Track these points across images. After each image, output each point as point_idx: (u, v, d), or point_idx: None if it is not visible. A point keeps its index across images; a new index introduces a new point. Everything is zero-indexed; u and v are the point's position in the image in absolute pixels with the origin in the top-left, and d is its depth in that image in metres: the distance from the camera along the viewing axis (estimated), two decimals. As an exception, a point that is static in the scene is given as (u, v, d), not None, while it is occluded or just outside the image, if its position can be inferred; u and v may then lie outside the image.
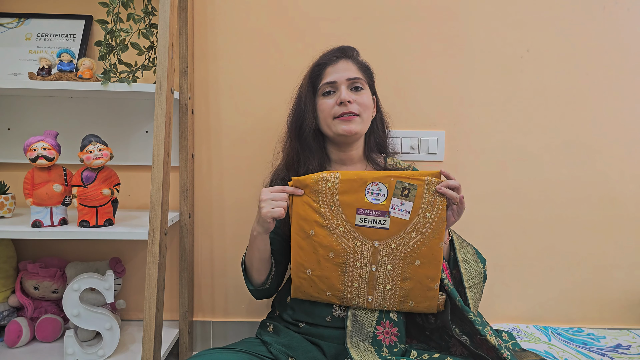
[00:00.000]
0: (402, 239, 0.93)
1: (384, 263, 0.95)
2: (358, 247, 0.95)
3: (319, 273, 0.96)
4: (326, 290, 0.96)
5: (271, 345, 0.97)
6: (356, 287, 0.95)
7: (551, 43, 1.35)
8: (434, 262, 0.93)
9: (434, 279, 0.94)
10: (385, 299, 0.95)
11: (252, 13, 1.35)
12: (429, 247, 0.93)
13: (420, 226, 0.93)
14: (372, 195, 0.94)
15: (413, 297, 0.95)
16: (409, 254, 0.94)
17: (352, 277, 0.95)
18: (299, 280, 0.98)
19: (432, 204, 0.92)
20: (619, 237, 1.39)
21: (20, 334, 1.19)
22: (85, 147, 1.06)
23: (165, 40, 1.05)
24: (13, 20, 1.33)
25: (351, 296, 0.96)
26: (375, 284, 0.95)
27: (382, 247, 0.94)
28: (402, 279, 0.95)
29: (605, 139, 1.37)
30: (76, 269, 1.27)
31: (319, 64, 1.03)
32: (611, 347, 1.25)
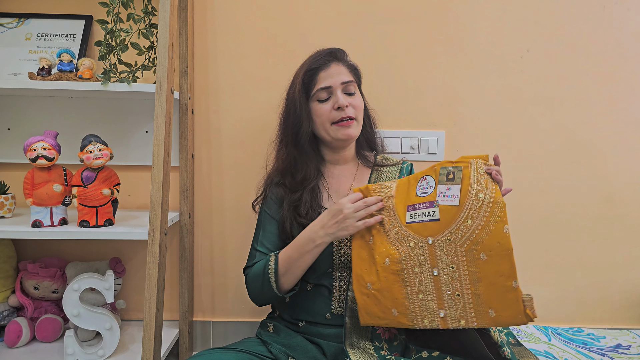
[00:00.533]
0: (456, 229, 0.81)
1: (445, 264, 0.82)
2: (412, 248, 0.85)
3: (379, 286, 0.87)
4: (391, 308, 0.86)
5: (271, 345, 0.97)
6: (422, 299, 0.83)
7: (551, 43, 1.35)
8: (502, 253, 0.78)
9: (509, 275, 0.77)
10: (459, 312, 0.81)
11: (252, 13, 1.35)
12: (492, 234, 0.78)
13: (475, 210, 0.80)
14: (421, 189, 0.88)
15: (492, 304, 0.79)
16: (470, 247, 0.80)
17: (414, 286, 0.84)
18: (363, 298, 0.89)
19: (484, 184, 0.81)
20: (619, 237, 1.39)
21: (20, 334, 1.19)
22: (85, 147, 1.06)
23: (165, 40, 1.05)
24: (13, 20, 1.33)
25: (420, 312, 0.84)
26: (443, 292, 0.82)
27: (438, 244, 0.83)
28: (472, 282, 0.80)
29: (605, 139, 1.37)
30: (76, 269, 1.27)
31: (312, 69, 1.02)
32: (611, 347, 1.25)
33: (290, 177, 1.04)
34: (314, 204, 1.01)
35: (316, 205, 1.01)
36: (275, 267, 0.95)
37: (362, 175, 1.08)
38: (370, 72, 1.35)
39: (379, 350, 0.92)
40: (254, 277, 0.98)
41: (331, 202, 1.04)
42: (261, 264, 0.98)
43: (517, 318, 0.77)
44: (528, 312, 0.76)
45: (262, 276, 0.96)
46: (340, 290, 0.98)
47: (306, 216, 0.99)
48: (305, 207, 1.00)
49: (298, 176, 1.03)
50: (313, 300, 0.99)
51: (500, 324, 0.79)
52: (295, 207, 1.00)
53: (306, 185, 1.01)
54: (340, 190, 1.06)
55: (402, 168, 1.09)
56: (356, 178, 1.07)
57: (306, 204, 1.00)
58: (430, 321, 0.83)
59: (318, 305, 0.99)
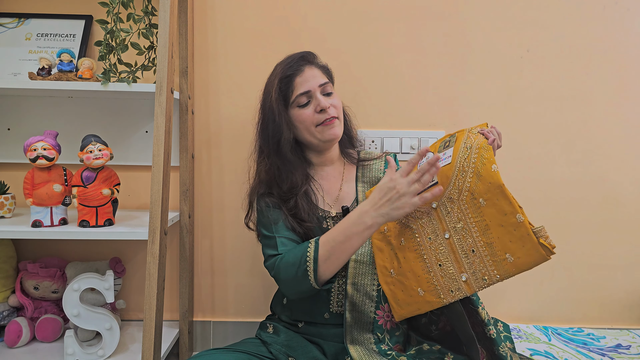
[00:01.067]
0: (454, 185, 0.82)
1: (453, 223, 0.82)
2: (420, 219, 0.86)
3: (401, 270, 0.87)
4: (416, 287, 0.85)
5: (271, 346, 0.97)
6: (442, 268, 0.82)
7: (551, 43, 1.35)
8: (496, 191, 0.77)
9: (511, 211, 0.76)
10: (479, 270, 0.79)
11: (252, 13, 1.35)
12: (482, 177, 0.78)
13: (464, 160, 0.81)
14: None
15: (506, 248, 0.77)
16: (469, 198, 0.80)
17: (432, 257, 0.83)
18: (389, 288, 0.89)
19: (473, 138, 0.84)
20: (619, 237, 1.39)
21: (20, 334, 1.19)
22: (85, 147, 1.06)
23: (165, 40, 1.05)
24: (13, 20, 1.33)
25: (444, 283, 0.82)
26: (459, 254, 0.81)
27: (442, 207, 0.83)
28: (481, 232, 0.79)
29: (606, 139, 1.37)
30: (76, 269, 1.27)
31: (287, 76, 1.00)
32: (611, 347, 1.25)
33: (277, 187, 1.02)
34: (312, 206, 1.00)
35: (314, 207, 1.01)
36: (315, 254, 0.87)
37: (349, 172, 1.09)
38: (370, 72, 1.35)
39: (380, 344, 0.91)
40: (288, 264, 0.90)
41: (325, 203, 1.04)
42: (298, 250, 0.90)
43: (536, 254, 0.74)
44: (542, 241, 0.74)
45: (299, 264, 0.88)
46: (338, 290, 0.98)
47: (309, 219, 0.98)
48: (304, 212, 0.98)
49: (285, 185, 1.01)
50: (311, 300, 0.99)
51: (522, 267, 0.76)
52: (295, 215, 0.99)
53: (296, 192, 1.00)
54: (331, 190, 1.05)
55: (386, 160, 1.09)
56: (344, 176, 1.08)
57: (304, 209, 0.98)
58: (457, 289, 0.81)
59: (316, 305, 0.98)
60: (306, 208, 0.99)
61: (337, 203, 1.04)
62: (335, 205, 1.03)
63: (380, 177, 1.07)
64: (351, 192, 1.05)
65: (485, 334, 0.85)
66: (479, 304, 0.88)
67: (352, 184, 1.06)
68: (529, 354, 1.18)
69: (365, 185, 1.06)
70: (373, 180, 1.07)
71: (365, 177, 1.07)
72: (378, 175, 1.07)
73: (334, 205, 1.03)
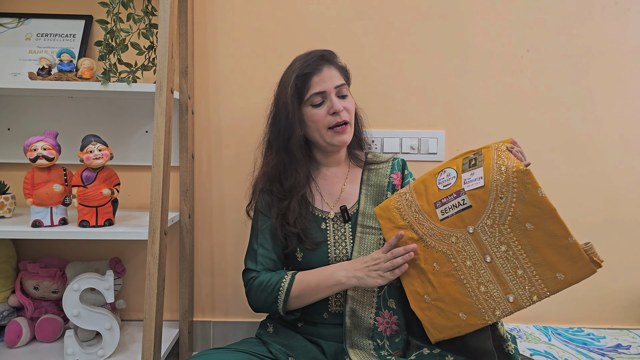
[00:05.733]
0: (492, 210, 0.80)
1: (495, 247, 0.81)
2: (455, 244, 0.84)
3: (436, 295, 0.85)
4: (457, 312, 0.84)
5: (271, 345, 0.97)
6: (485, 291, 0.82)
7: (551, 43, 1.35)
8: (546, 216, 0.77)
9: (562, 234, 0.77)
10: (528, 289, 0.80)
11: (252, 13, 1.35)
12: (528, 202, 0.78)
13: (502, 185, 0.79)
14: (443, 182, 0.87)
15: (558, 268, 0.78)
16: (512, 222, 0.79)
17: (473, 281, 0.82)
18: (424, 313, 0.88)
19: (504, 157, 0.80)
20: (619, 237, 1.39)
21: (20, 334, 1.19)
22: (85, 147, 1.06)
23: (165, 40, 1.05)
24: (13, 20, 1.33)
25: (489, 305, 0.82)
26: (504, 276, 0.81)
27: (480, 230, 0.82)
28: (529, 254, 0.79)
29: (606, 139, 1.37)
30: (76, 269, 1.27)
31: (304, 74, 1.00)
32: (611, 347, 1.25)
33: (278, 184, 1.03)
34: (303, 211, 1.00)
35: (305, 212, 1.00)
36: (288, 288, 0.94)
37: (354, 175, 1.08)
38: (370, 72, 1.35)
39: (380, 350, 0.92)
40: (261, 287, 0.96)
41: (324, 203, 1.04)
42: (273, 279, 0.96)
43: (587, 269, 0.77)
44: (595, 259, 0.76)
45: (271, 292, 0.95)
46: None
47: (294, 224, 0.98)
48: (293, 215, 0.99)
49: (287, 184, 1.01)
50: None
51: (573, 282, 0.78)
52: (284, 215, 0.99)
53: (294, 193, 1.00)
54: (333, 191, 1.05)
55: (394, 164, 1.08)
56: (348, 178, 1.07)
57: (294, 212, 0.99)
58: (502, 310, 0.81)
59: (315, 305, 0.98)
60: (296, 212, 0.99)
61: (338, 204, 1.04)
62: (335, 206, 1.03)
63: (386, 182, 1.05)
64: (354, 194, 1.05)
65: (503, 350, 0.85)
66: (498, 321, 0.86)
67: (355, 186, 1.06)
68: (529, 354, 1.18)
69: (369, 188, 1.05)
70: (378, 184, 1.05)
71: (371, 180, 1.06)
72: (384, 180, 1.06)
73: (334, 206, 1.03)
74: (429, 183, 0.89)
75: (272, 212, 1.01)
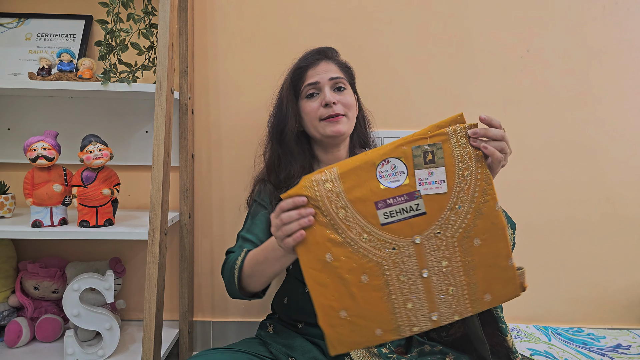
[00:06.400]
0: (446, 219, 0.70)
1: (436, 261, 0.71)
2: (394, 254, 0.71)
3: (358, 311, 0.72)
4: (374, 329, 0.73)
5: (271, 345, 0.97)
6: (412, 308, 0.72)
7: (551, 43, 1.35)
8: (497, 233, 0.70)
9: (505, 254, 0.71)
10: (453, 308, 0.73)
11: (252, 13, 1.35)
12: (484, 216, 0.70)
13: (463, 193, 0.70)
14: (388, 178, 0.71)
15: (488, 289, 0.72)
16: (462, 235, 0.71)
17: (403, 297, 0.72)
18: (334, 330, 0.73)
19: (468, 158, 0.70)
20: (619, 237, 1.39)
21: (20, 334, 1.19)
22: (85, 147, 1.06)
23: (165, 40, 1.05)
24: (13, 20, 1.33)
25: (409, 322, 0.73)
26: (435, 293, 0.72)
27: (426, 241, 0.71)
28: (467, 272, 0.72)
29: (606, 139, 1.37)
30: (76, 269, 1.27)
31: (300, 67, 1.01)
32: (611, 347, 1.25)
33: (274, 175, 1.03)
34: None
35: None
36: (240, 265, 0.89)
37: None
38: (370, 72, 1.35)
39: (381, 348, 0.91)
40: (226, 266, 0.93)
41: None
42: (235, 255, 0.92)
43: (513, 294, 0.73)
44: (525, 285, 0.74)
45: (230, 269, 0.91)
46: None
47: None
48: None
49: (281, 174, 1.01)
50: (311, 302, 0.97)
51: (494, 305, 0.73)
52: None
53: (290, 184, 0.99)
54: None
55: None
56: None
57: None
58: (420, 327, 0.73)
59: None
60: None
61: None
62: None
63: None
64: None
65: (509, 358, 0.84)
66: (506, 332, 0.83)
67: None
68: (529, 354, 1.18)
69: None
70: None
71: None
72: None
73: None
74: (365, 174, 0.71)
75: (272, 200, 1.01)
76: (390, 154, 0.71)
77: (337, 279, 0.72)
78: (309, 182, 0.72)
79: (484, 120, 0.73)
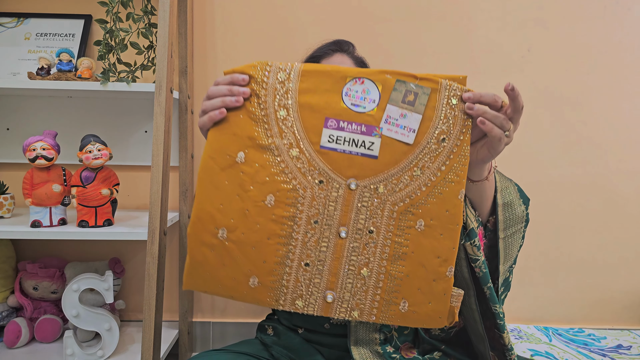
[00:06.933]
0: (396, 178, 0.57)
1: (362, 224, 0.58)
2: (320, 190, 0.57)
3: (242, 236, 0.57)
4: (250, 275, 0.57)
5: (272, 348, 0.95)
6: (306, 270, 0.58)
7: (552, 42, 1.34)
8: (449, 227, 0.58)
9: (447, 258, 0.58)
10: (356, 298, 0.58)
11: (251, 13, 1.34)
12: (442, 198, 0.57)
13: (430, 158, 0.58)
14: (354, 98, 0.59)
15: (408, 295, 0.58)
16: (405, 208, 0.58)
17: (304, 249, 0.58)
18: (199, 252, 0.58)
19: (451, 122, 0.58)
20: (620, 237, 1.39)
21: (19, 335, 1.19)
22: (85, 147, 1.06)
23: (164, 40, 1.05)
24: (12, 19, 1.33)
25: (295, 289, 0.58)
26: (342, 265, 0.58)
27: (363, 192, 0.57)
28: (392, 258, 0.58)
29: (607, 139, 1.37)
30: (75, 269, 1.27)
31: (313, 57, 0.98)
32: (612, 348, 1.25)
33: None
34: None
35: None
36: None
37: None
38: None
39: (386, 345, 0.86)
40: None
41: None
42: None
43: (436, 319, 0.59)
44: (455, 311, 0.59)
45: None
46: None
47: None
48: None
49: None
50: None
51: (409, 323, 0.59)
52: None
53: None
54: None
55: None
56: None
57: None
58: (306, 305, 0.58)
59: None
60: None
61: None
62: None
63: None
64: None
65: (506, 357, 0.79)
66: (504, 329, 0.76)
67: None
68: (530, 355, 1.18)
69: None
70: None
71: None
72: None
73: None
74: (330, 84, 0.59)
75: None
76: (370, 75, 0.59)
77: (237, 187, 0.58)
78: (262, 64, 0.60)
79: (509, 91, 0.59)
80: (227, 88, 0.61)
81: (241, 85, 0.61)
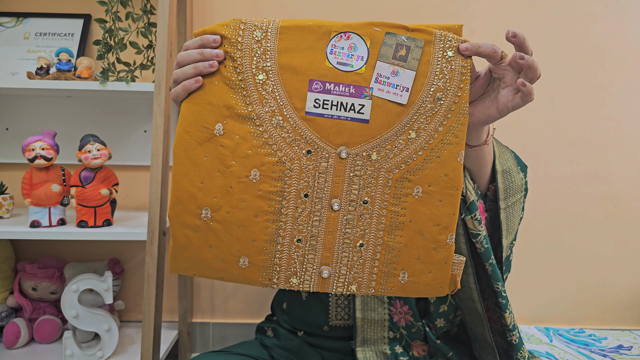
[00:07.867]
0: (390, 143, 0.53)
1: (356, 195, 0.54)
2: (308, 161, 0.53)
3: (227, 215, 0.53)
4: (239, 255, 0.54)
5: (272, 350, 0.94)
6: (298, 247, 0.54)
7: (552, 41, 1.34)
8: (448, 192, 0.54)
9: (447, 226, 0.55)
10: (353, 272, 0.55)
11: (251, 13, 1.34)
12: (440, 162, 0.54)
13: (426, 119, 0.53)
14: (340, 57, 0.53)
15: (408, 266, 0.55)
16: (401, 175, 0.54)
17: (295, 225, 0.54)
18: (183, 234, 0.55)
19: (448, 77, 0.54)
20: (621, 237, 1.39)
21: (18, 335, 1.19)
22: (84, 146, 1.05)
23: (164, 39, 1.04)
24: (11, 19, 1.32)
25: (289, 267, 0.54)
26: (337, 240, 0.54)
27: (354, 161, 0.53)
28: (389, 228, 0.54)
29: (607, 138, 1.36)
30: (75, 269, 1.27)
31: None
32: (612, 348, 1.25)
33: None
34: None
35: None
36: None
37: None
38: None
39: (394, 344, 0.83)
40: None
41: None
42: None
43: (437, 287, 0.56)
44: (457, 279, 0.56)
45: None
46: (337, 302, 0.90)
47: None
48: None
49: None
50: (309, 310, 0.92)
51: (409, 293, 0.56)
52: None
53: None
54: None
55: None
56: None
57: None
58: (301, 282, 0.55)
59: (315, 317, 0.91)
60: None
61: None
62: None
63: None
64: None
65: (506, 338, 0.74)
66: (506, 309, 0.70)
67: None
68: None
69: None
70: None
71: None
72: None
73: None
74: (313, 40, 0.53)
75: None
76: (356, 29, 0.53)
77: (217, 162, 0.53)
78: (235, 21, 0.53)
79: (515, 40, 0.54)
80: (198, 52, 0.55)
81: (213, 47, 0.55)
